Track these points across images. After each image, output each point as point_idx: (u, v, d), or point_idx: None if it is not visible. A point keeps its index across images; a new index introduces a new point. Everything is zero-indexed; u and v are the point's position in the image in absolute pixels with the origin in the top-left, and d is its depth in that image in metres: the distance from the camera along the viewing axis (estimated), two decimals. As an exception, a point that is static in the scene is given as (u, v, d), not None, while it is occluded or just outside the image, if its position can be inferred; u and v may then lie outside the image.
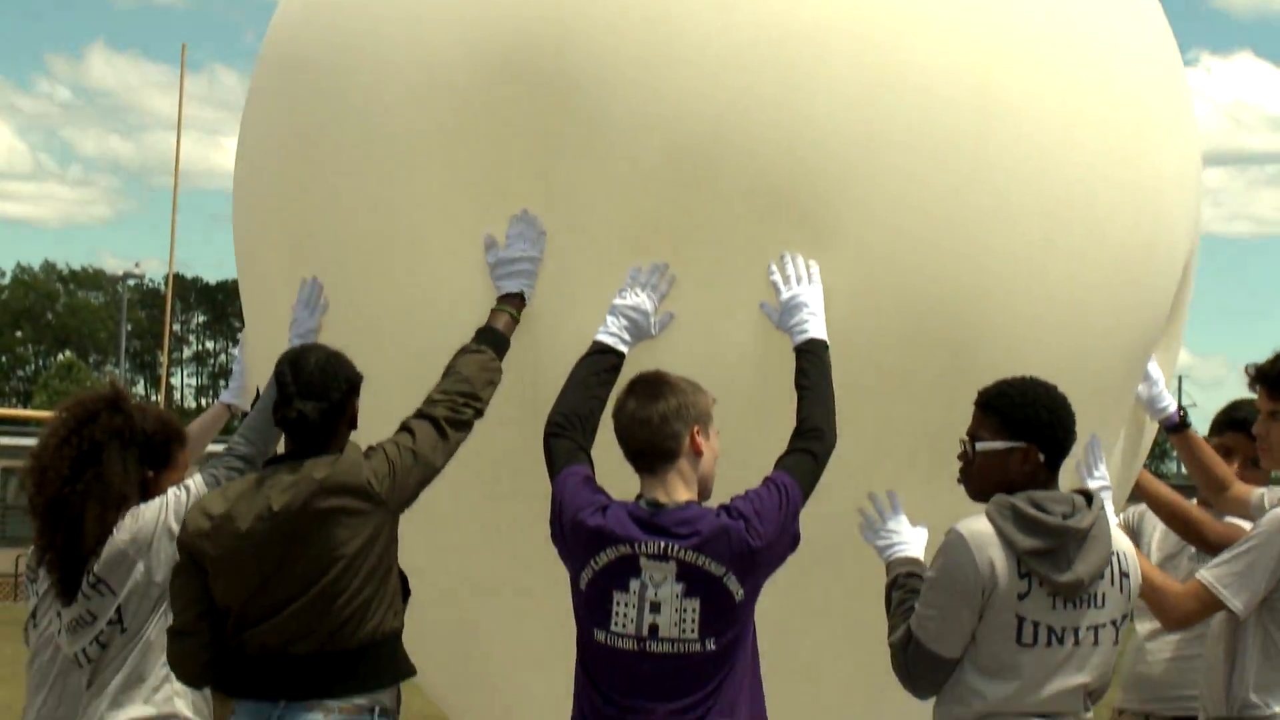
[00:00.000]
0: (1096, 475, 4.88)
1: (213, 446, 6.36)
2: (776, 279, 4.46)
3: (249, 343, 5.41)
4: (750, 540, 4.08)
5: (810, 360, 4.37)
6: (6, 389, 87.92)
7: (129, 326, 74.91)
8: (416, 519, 4.54)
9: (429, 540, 4.74)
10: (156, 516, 4.73)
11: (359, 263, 4.75)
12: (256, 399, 4.94)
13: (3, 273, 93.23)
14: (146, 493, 4.83)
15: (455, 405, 4.42)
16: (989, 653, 4.25)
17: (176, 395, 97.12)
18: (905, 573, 4.41)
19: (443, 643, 5.04)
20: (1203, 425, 5.75)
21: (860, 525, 4.54)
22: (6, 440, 30.26)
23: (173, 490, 4.77)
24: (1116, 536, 4.41)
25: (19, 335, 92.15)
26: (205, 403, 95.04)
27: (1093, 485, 4.79)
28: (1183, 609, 4.74)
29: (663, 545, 4.08)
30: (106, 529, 4.73)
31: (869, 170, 4.41)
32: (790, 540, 4.19)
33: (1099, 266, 4.70)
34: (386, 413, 4.56)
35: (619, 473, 4.20)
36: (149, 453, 4.85)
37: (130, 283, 68.44)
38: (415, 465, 4.36)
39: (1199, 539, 5.33)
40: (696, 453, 4.18)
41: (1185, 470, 5.51)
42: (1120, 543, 4.42)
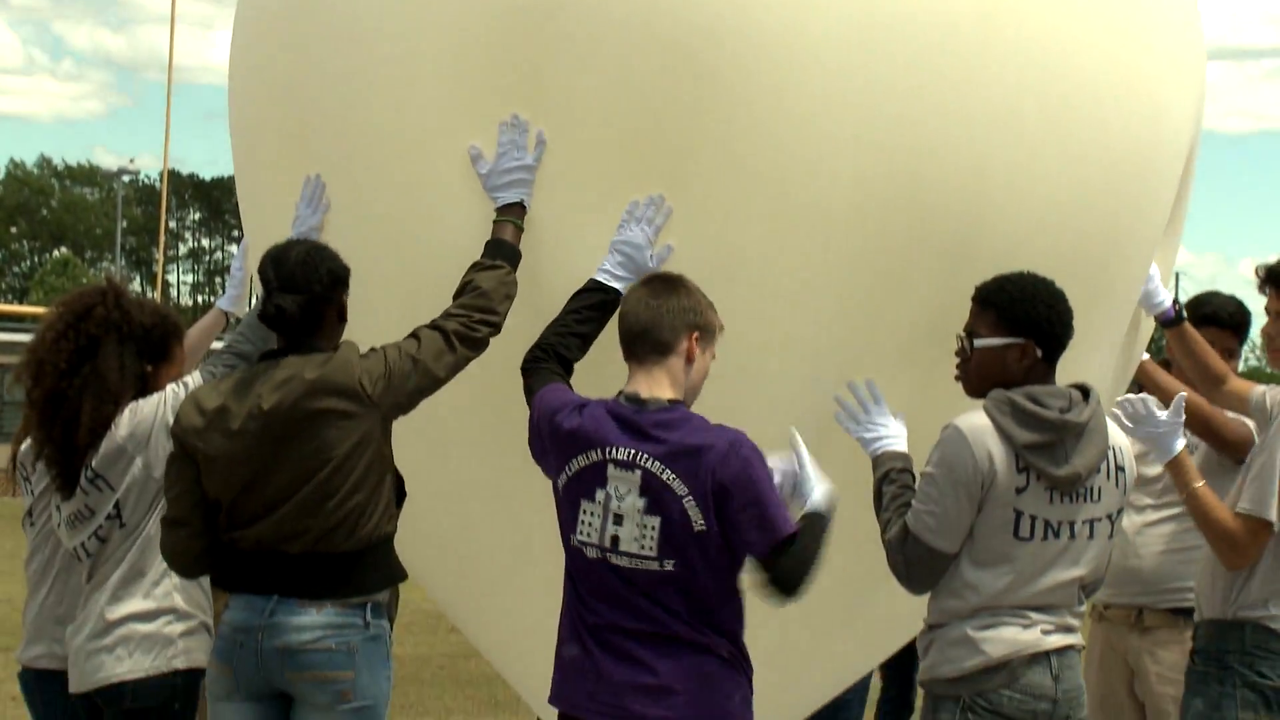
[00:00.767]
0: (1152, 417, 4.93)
1: (216, 344, 6.36)
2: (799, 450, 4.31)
3: (250, 242, 5.38)
4: (721, 476, 4.02)
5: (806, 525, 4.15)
6: (2, 285, 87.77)
7: (124, 223, 74.69)
8: (416, 419, 4.54)
9: (428, 439, 4.75)
10: (155, 412, 4.73)
11: (360, 161, 4.71)
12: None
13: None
14: (145, 388, 4.83)
15: (470, 321, 4.38)
16: (985, 547, 4.28)
17: (173, 292, 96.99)
18: (897, 468, 4.41)
19: (441, 542, 5.06)
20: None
21: (838, 415, 4.50)
22: (3, 336, 30.27)
23: (171, 387, 4.77)
24: (1113, 431, 4.43)
25: (14, 231, 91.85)
26: (201, 300, 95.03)
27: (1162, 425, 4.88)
28: (1243, 548, 4.77)
29: (632, 453, 4.07)
30: (103, 424, 4.74)
31: (870, 73, 4.37)
32: (766, 524, 4.04)
33: (1100, 168, 4.68)
34: (387, 314, 4.55)
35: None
36: (147, 347, 4.85)
37: (125, 179, 68.20)
38: (414, 372, 4.34)
39: (1217, 439, 5.32)
40: (689, 359, 4.17)
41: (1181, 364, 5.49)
42: (1116, 437, 4.43)
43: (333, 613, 4.33)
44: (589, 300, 4.38)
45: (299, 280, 4.38)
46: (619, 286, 4.36)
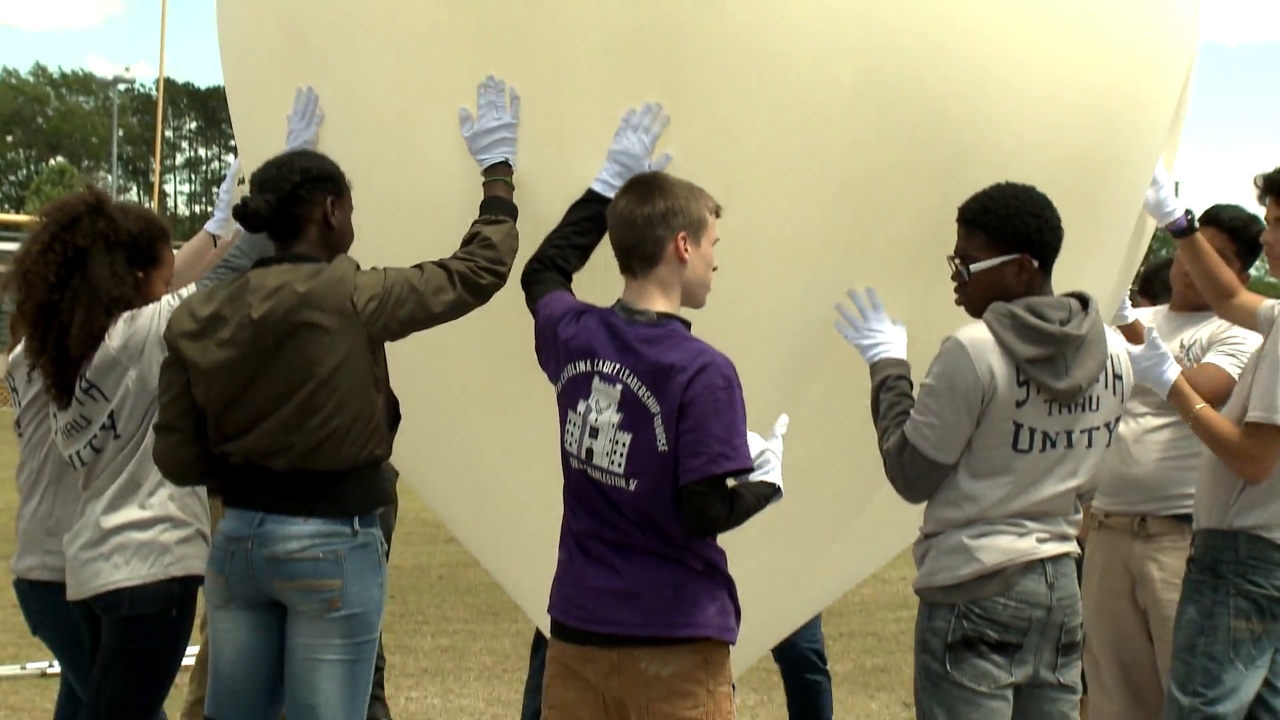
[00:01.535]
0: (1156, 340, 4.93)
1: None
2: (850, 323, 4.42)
3: (243, 158, 5.34)
4: (679, 396, 4.00)
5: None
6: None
7: (120, 132, 74.32)
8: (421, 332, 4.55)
9: (428, 348, 4.75)
10: (149, 324, 4.73)
11: (358, 75, 4.68)
12: None
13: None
14: (138, 295, 4.82)
15: (475, 266, 4.34)
16: (984, 459, 4.29)
17: (169, 202, 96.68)
18: (894, 375, 4.41)
19: (440, 451, 5.08)
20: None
21: (837, 323, 4.50)
22: (1, 245, 30.21)
23: (167, 299, 4.77)
24: (1112, 340, 4.43)
25: (10, 140, 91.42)
26: (198, 210, 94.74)
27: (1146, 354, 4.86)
28: (1258, 452, 4.78)
29: (617, 367, 4.08)
30: (97, 334, 4.73)
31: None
32: (688, 468, 4.00)
33: (1102, 72, 4.65)
34: (383, 230, 4.53)
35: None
36: (135, 254, 4.83)
37: (121, 88, 67.75)
38: (409, 299, 4.31)
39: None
40: (680, 261, 4.15)
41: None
42: (1115, 346, 4.43)
43: (320, 522, 4.35)
44: (587, 212, 4.36)
45: (270, 179, 4.39)
46: (607, 210, 4.32)
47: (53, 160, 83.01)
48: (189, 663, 5.72)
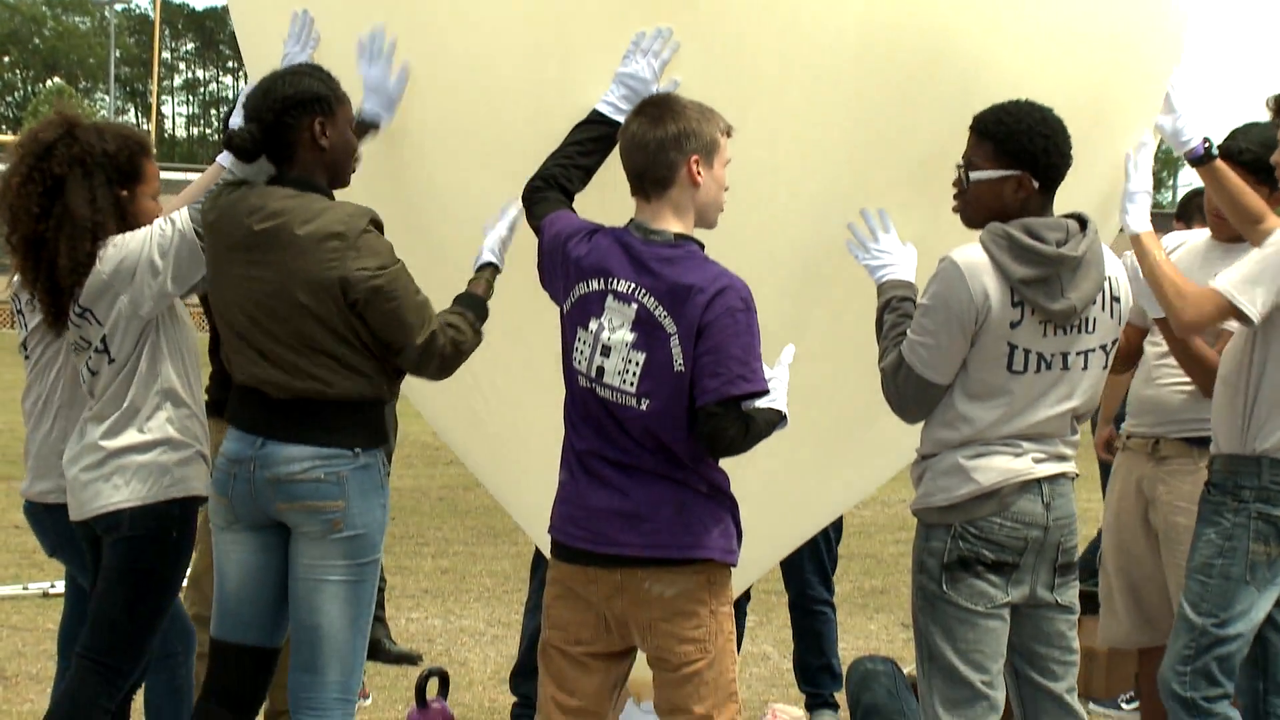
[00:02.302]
0: (1135, 178, 4.78)
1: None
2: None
3: (251, 78, 5.29)
4: (698, 317, 4.02)
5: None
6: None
7: (117, 53, 73.95)
8: (423, 247, 4.53)
9: (432, 267, 4.74)
10: (140, 249, 4.70)
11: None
12: None
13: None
14: (124, 214, 4.79)
15: (444, 342, 4.38)
16: (979, 379, 4.29)
17: (167, 124, 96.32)
18: (899, 296, 4.41)
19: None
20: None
21: (848, 243, 4.49)
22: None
23: (158, 223, 4.73)
24: (1109, 260, 4.41)
25: (6, 61, 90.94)
26: (196, 132, 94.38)
27: (1131, 187, 4.75)
28: (1198, 309, 4.73)
29: (632, 286, 4.07)
30: (85, 260, 4.70)
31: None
32: (706, 389, 4.04)
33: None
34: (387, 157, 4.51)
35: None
36: (115, 173, 4.79)
37: (118, 8, 67.41)
38: (400, 311, 4.32)
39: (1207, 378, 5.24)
40: (693, 184, 4.14)
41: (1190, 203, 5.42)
42: (1113, 266, 4.42)
43: (321, 445, 4.35)
44: (592, 133, 4.34)
45: (255, 108, 4.39)
46: (621, 120, 4.30)
47: (50, 81, 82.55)
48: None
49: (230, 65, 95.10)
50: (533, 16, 4.41)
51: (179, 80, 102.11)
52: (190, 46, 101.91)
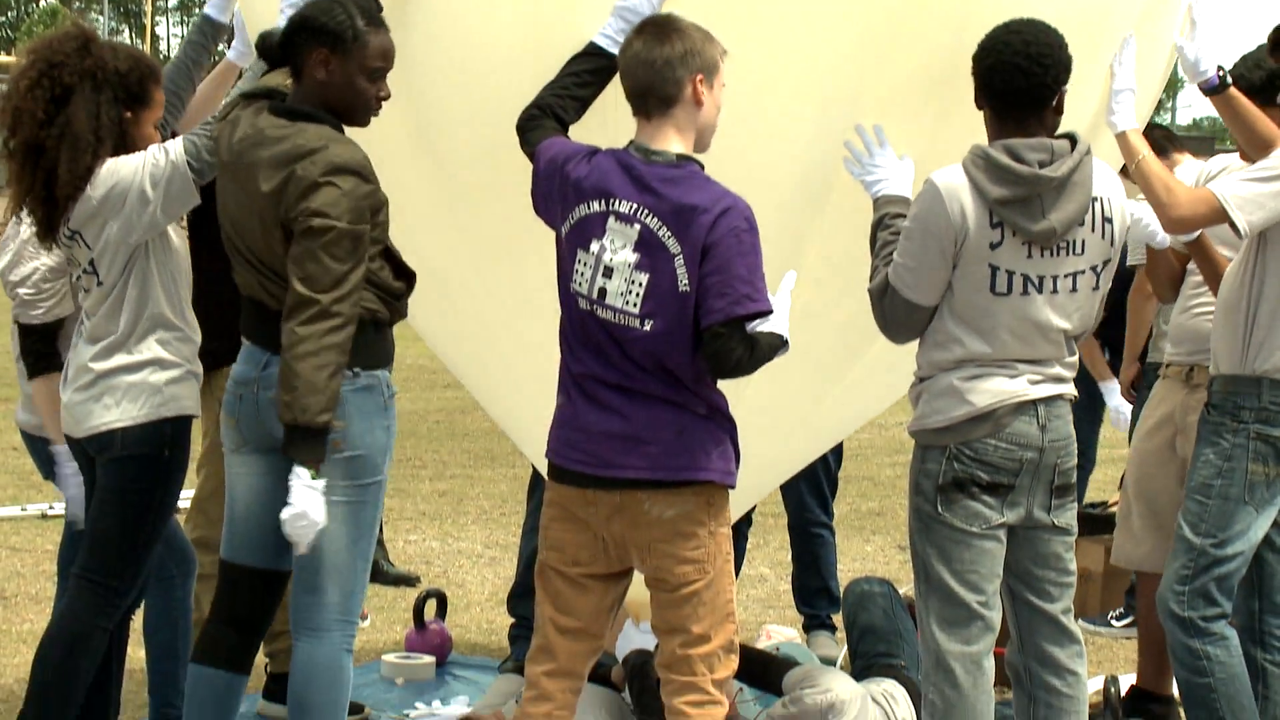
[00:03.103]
0: (1120, 76, 4.71)
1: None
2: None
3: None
4: (702, 236, 4.01)
5: None
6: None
7: (112, -28, 73.40)
8: (421, 169, 4.50)
9: (432, 188, 4.72)
10: (132, 177, 4.67)
11: None
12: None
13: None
14: (125, 136, 4.76)
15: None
16: (965, 301, 4.29)
17: (162, 45, 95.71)
18: (892, 213, 4.39)
19: (441, 294, 5.05)
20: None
21: (845, 159, 4.46)
22: (-6, 88, 29.98)
23: (153, 151, 4.70)
24: (1102, 179, 4.38)
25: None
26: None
27: (1116, 85, 4.72)
28: (1188, 209, 4.71)
29: (634, 207, 4.05)
30: (82, 175, 4.68)
31: None
32: (711, 310, 4.03)
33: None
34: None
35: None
36: (124, 93, 4.76)
37: (111, -73, 66.83)
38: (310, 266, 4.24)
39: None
40: (696, 103, 4.12)
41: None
42: (1105, 186, 4.39)
43: None
44: (589, 64, 4.30)
45: (291, 20, 4.36)
46: (618, 53, 4.26)
47: (43, 1, 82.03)
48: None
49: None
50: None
51: (173, 1, 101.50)
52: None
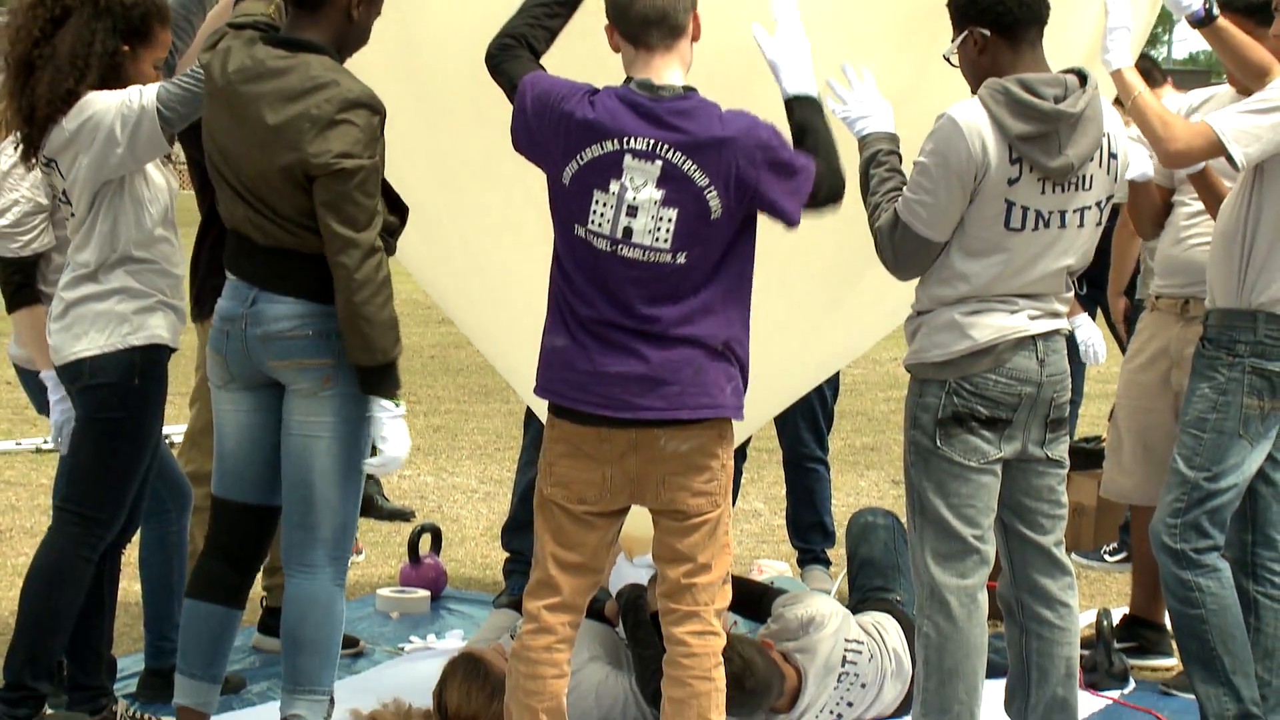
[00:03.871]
0: (1114, 13, 4.67)
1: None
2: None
3: None
4: (741, 164, 4.02)
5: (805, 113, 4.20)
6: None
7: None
8: (409, 102, 4.48)
9: (422, 121, 4.70)
10: (105, 115, 4.63)
11: None
12: None
13: None
14: (119, 69, 4.73)
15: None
16: (976, 236, 4.27)
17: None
18: (884, 150, 4.36)
19: (432, 229, 5.03)
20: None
21: (827, 98, 4.39)
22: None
23: (130, 93, 4.65)
24: (1109, 116, 4.37)
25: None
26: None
27: (1111, 23, 4.68)
28: (1185, 143, 4.69)
29: (652, 142, 4.02)
30: (61, 97, 4.65)
31: None
32: (776, 210, 4.10)
33: None
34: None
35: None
36: (125, 25, 4.72)
37: None
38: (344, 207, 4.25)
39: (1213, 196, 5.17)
40: (695, 35, 4.11)
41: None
42: (1112, 124, 4.38)
43: (310, 303, 4.33)
44: None
45: None
46: None
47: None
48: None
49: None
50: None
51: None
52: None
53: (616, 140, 4.04)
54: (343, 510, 4.43)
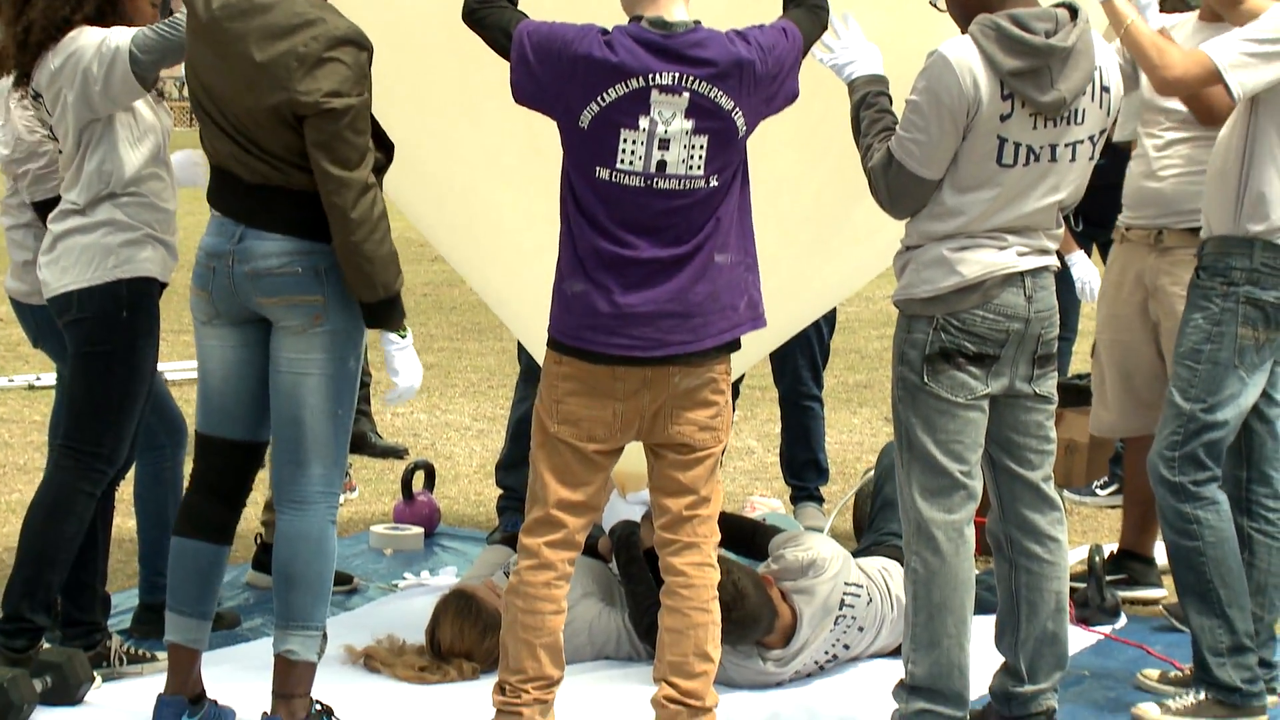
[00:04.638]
0: None
1: None
2: None
3: None
4: (759, 71, 4.09)
5: None
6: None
7: None
8: (394, 34, 4.47)
9: (409, 55, 4.68)
10: (85, 53, 4.63)
11: None
12: None
13: None
14: (116, 4, 4.72)
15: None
16: (968, 173, 4.26)
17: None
18: (874, 91, 4.36)
19: (424, 167, 5.02)
20: None
21: (815, 49, 4.39)
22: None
23: (111, 34, 4.64)
24: (1100, 49, 4.35)
25: None
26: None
27: None
28: (1180, 70, 4.67)
29: (676, 76, 4.05)
30: (56, 24, 4.64)
31: None
32: (789, 94, 4.21)
33: None
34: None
35: None
36: None
37: None
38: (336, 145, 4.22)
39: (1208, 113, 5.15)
40: None
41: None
42: (1103, 56, 4.36)
43: (298, 240, 4.31)
44: None
45: None
46: None
47: None
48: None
49: None
50: None
51: None
52: None
53: (641, 78, 4.06)
54: (333, 446, 4.43)
